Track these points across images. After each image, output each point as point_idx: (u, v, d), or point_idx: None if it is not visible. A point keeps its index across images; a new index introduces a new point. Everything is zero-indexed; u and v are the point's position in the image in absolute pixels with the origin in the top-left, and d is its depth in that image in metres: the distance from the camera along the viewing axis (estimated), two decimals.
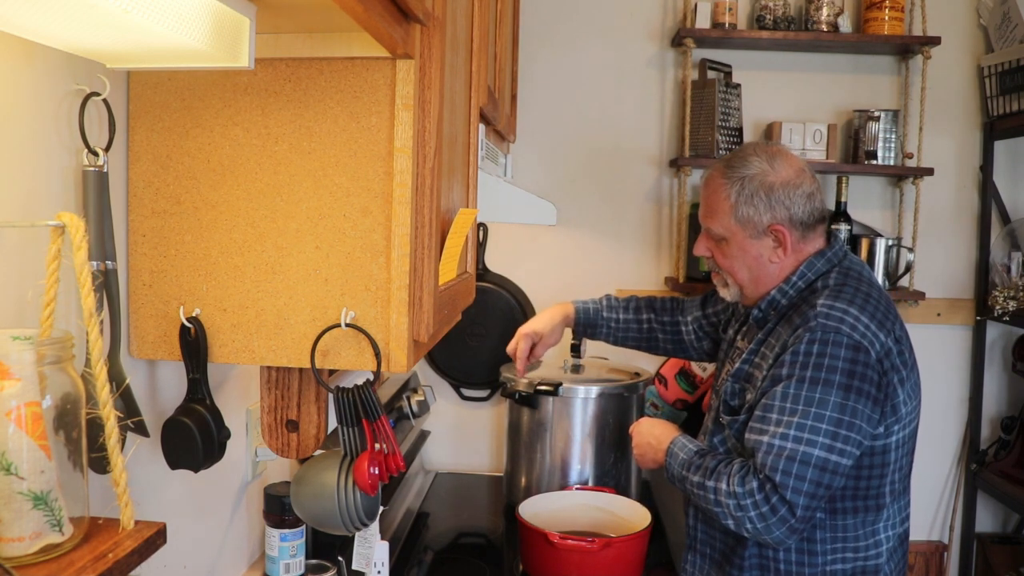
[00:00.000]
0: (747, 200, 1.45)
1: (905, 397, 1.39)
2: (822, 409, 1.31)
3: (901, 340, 1.40)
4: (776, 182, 1.45)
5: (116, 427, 0.78)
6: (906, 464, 1.47)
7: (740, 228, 1.47)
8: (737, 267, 1.51)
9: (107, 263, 0.90)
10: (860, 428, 1.33)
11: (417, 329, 1.01)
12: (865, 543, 1.43)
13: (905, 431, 1.41)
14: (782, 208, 1.44)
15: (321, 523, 1.07)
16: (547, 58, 2.51)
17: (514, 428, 2.20)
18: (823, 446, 1.30)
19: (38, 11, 0.68)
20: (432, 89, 0.99)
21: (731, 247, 1.50)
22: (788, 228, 1.45)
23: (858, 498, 1.41)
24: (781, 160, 1.48)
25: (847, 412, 1.31)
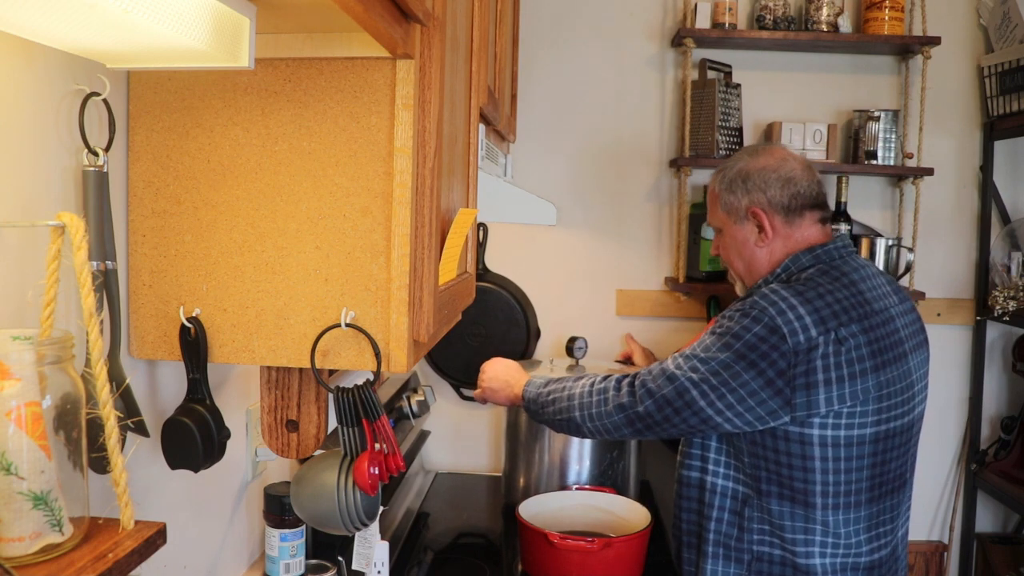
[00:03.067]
0: (728, 188, 1.55)
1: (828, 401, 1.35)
2: (710, 357, 1.39)
3: (844, 342, 1.35)
4: (752, 168, 1.53)
5: (116, 427, 0.78)
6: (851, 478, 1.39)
7: (727, 216, 1.56)
8: (732, 256, 1.58)
9: (107, 263, 0.90)
10: (741, 397, 1.36)
11: (417, 329, 1.01)
12: (792, 536, 1.42)
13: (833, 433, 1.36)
14: (758, 192, 1.51)
15: (321, 523, 1.07)
16: (547, 58, 2.51)
17: (513, 428, 2.20)
18: (691, 380, 1.39)
19: (38, 11, 0.68)
20: (432, 89, 0.99)
21: (725, 238, 1.58)
22: (766, 211, 1.50)
23: (782, 485, 1.42)
24: (764, 152, 1.57)
25: (729, 373, 1.37)
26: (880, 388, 1.37)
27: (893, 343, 1.41)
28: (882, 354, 1.38)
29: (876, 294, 1.45)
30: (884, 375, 1.38)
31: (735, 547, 1.47)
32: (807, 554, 1.41)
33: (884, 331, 1.40)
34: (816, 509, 1.40)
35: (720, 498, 1.48)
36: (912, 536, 2.63)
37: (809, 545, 1.41)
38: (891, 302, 1.46)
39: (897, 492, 1.46)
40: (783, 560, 1.43)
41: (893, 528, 1.47)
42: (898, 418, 1.41)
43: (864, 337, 1.37)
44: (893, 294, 1.50)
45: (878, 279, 1.50)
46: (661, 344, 2.53)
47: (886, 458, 1.41)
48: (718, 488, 1.49)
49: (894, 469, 1.43)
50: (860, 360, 1.36)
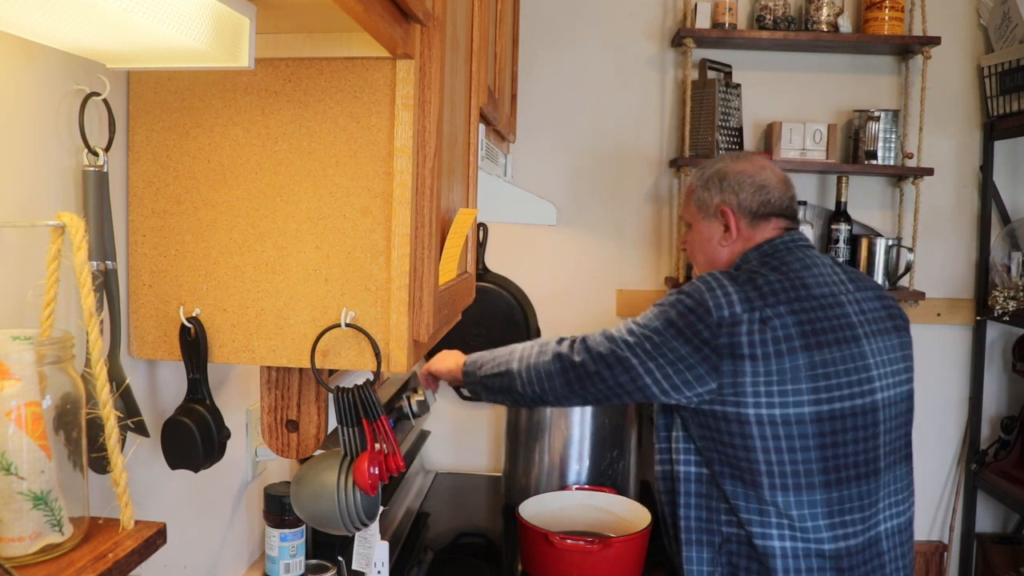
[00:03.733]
0: (704, 185, 1.62)
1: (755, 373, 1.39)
2: (646, 323, 1.48)
3: (768, 321, 1.40)
4: (730, 171, 1.60)
5: (116, 427, 0.78)
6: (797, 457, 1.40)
7: (698, 211, 1.63)
8: (696, 251, 1.66)
9: (107, 263, 0.90)
10: (670, 360, 1.43)
11: (417, 329, 1.01)
12: (747, 517, 1.44)
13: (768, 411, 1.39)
14: (731, 193, 1.58)
15: (321, 523, 1.07)
16: (547, 58, 2.51)
17: (512, 428, 2.20)
18: (626, 341, 1.47)
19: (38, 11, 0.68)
20: (432, 89, 0.99)
21: (693, 232, 1.65)
22: (735, 212, 1.58)
23: (731, 466, 1.45)
24: (744, 158, 1.64)
25: (660, 338, 1.44)
26: (814, 368, 1.40)
27: (835, 326, 1.43)
28: (816, 335, 1.41)
29: (819, 281, 1.48)
30: (820, 355, 1.40)
31: (707, 530, 1.50)
32: (764, 535, 1.43)
33: (823, 314, 1.43)
34: (764, 489, 1.42)
35: (686, 484, 1.52)
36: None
37: (765, 527, 1.43)
38: (841, 289, 1.49)
39: (868, 479, 1.44)
40: (747, 541, 1.45)
41: (866, 517, 1.45)
42: (845, 399, 1.42)
43: (792, 318, 1.41)
44: (848, 283, 1.52)
45: (826, 268, 1.52)
46: None
47: (838, 440, 1.41)
48: (682, 475, 1.53)
49: (855, 453, 1.43)
50: (788, 339, 1.39)
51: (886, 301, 1.57)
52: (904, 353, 1.55)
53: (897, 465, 1.51)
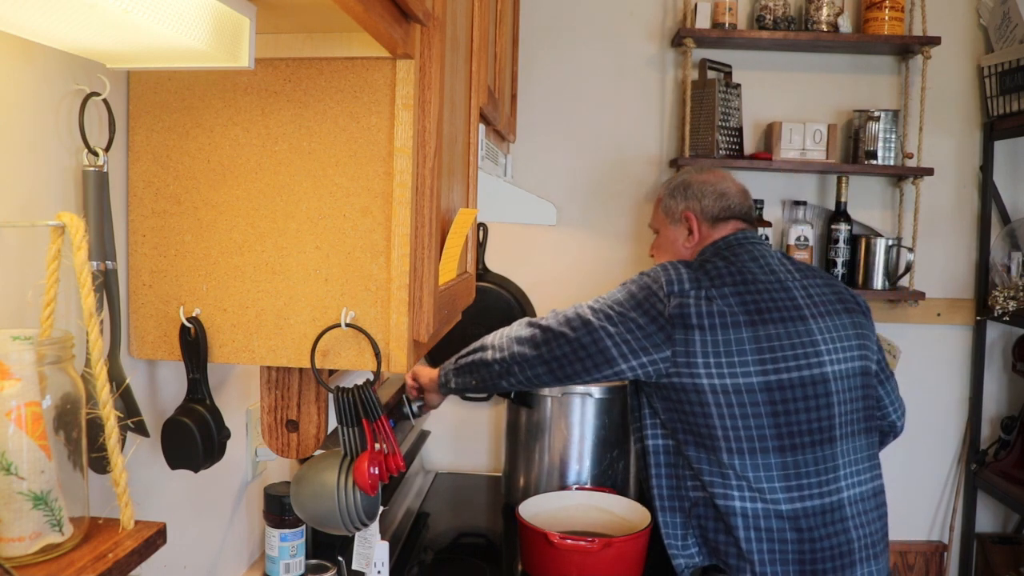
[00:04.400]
0: (671, 194, 1.79)
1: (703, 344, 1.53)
2: (609, 296, 1.63)
3: (713, 298, 1.56)
4: (694, 181, 1.78)
5: (116, 427, 0.78)
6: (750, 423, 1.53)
7: (664, 216, 1.79)
8: (663, 253, 1.79)
9: (107, 263, 0.90)
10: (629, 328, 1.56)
11: (417, 329, 1.01)
12: (710, 479, 1.56)
13: (720, 381, 1.53)
14: (695, 200, 1.75)
15: (321, 523, 1.07)
16: (547, 58, 2.51)
17: (512, 428, 2.20)
18: (591, 309, 1.60)
19: (38, 11, 0.68)
20: (432, 89, 0.99)
21: (661, 237, 1.81)
22: (697, 217, 1.74)
23: (692, 433, 1.57)
24: (707, 171, 1.83)
25: (621, 308, 1.58)
26: (759, 341, 1.54)
27: (780, 307, 1.58)
28: (760, 313, 1.56)
29: (765, 270, 1.64)
30: (764, 330, 1.55)
31: (677, 496, 1.63)
32: (725, 496, 1.55)
33: (767, 296, 1.59)
34: (722, 453, 1.54)
35: (655, 456, 1.66)
36: (912, 536, 2.65)
37: (727, 488, 1.55)
38: (787, 276, 1.65)
39: (823, 445, 1.56)
40: (711, 503, 1.57)
41: (824, 482, 1.55)
42: (793, 371, 1.55)
43: (736, 299, 1.57)
44: (795, 271, 1.68)
45: (774, 260, 1.68)
46: None
47: (789, 408, 1.54)
48: (651, 448, 1.66)
49: (808, 421, 1.55)
50: (732, 315, 1.55)
51: (835, 287, 1.71)
52: (857, 332, 1.66)
53: (856, 436, 1.61)
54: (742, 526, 1.53)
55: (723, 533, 1.56)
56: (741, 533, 1.53)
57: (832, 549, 1.54)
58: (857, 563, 1.56)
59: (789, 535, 1.53)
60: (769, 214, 2.50)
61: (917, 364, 2.58)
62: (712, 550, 1.58)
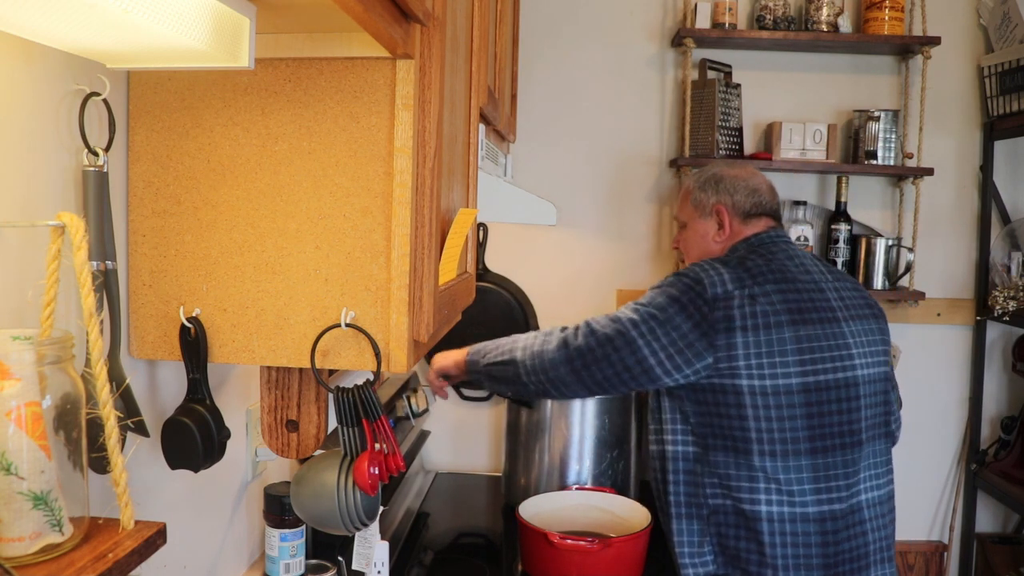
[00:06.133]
0: (701, 187, 1.76)
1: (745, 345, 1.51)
2: (648, 302, 1.57)
3: (756, 297, 1.53)
4: (725, 175, 1.75)
5: (116, 427, 0.78)
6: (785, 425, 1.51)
7: (694, 209, 1.76)
8: (691, 247, 1.77)
9: (107, 263, 0.90)
10: (672, 339, 1.52)
11: (417, 329, 1.01)
12: (737, 484, 1.54)
13: (760, 383, 1.51)
14: (726, 194, 1.73)
15: (321, 523, 1.07)
16: (547, 58, 2.51)
17: (512, 428, 2.20)
18: (631, 320, 1.54)
19: (38, 11, 0.68)
20: (432, 89, 0.99)
21: (688, 231, 1.78)
22: (729, 212, 1.71)
23: (725, 437, 1.55)
24: (737, 166, 1.80)
25: (664, 315, 1.53)
26: (800, 341, 1.53)
27: (817, 307, 1.57)
28: (800, 313, 1.55)
29: (801, 269, 1.63)
30: (804, 331, 1.54)
31: (695, 503, 1.60)
32: (752, 500, 1.53)
33: (806, 295, 1.58)
34: (754, 456, 1.52)
35: (674, 463, 1.62)
36: (912, 536, 2.65)
37: (754, 492, 1.53)
38: (821, 278, 1.64)
39: (851, 448, 1.56)
40: (734, 509, 1.55)
41: (850, 484, 1.55)
42: (828, 372, 1.54)
43: (779, 296, 1.55)
44: (827, 273, 1.67)
45: (807, 260, 1.68)
46: None
47: (823, 410, 1.53)
48: (671, 454, 1.62)
49: (839, 423, 1.55)
50: (775, 314, 1.53)
51: (862, 292, 1.71)
52: (882, 338, 1.67)
53: (877, 440, 1.62)
54: (767, 531, 1.51)
55: (745, 540, 1.54)
56: (766, 538, 1.51)
57: (851, 551, 1.54)
58: (871, 566, 1.57)
59: (814, 538, 1.52)
60: None
61: (917, 364, 2.58)
62: (731, 558, 1.56)
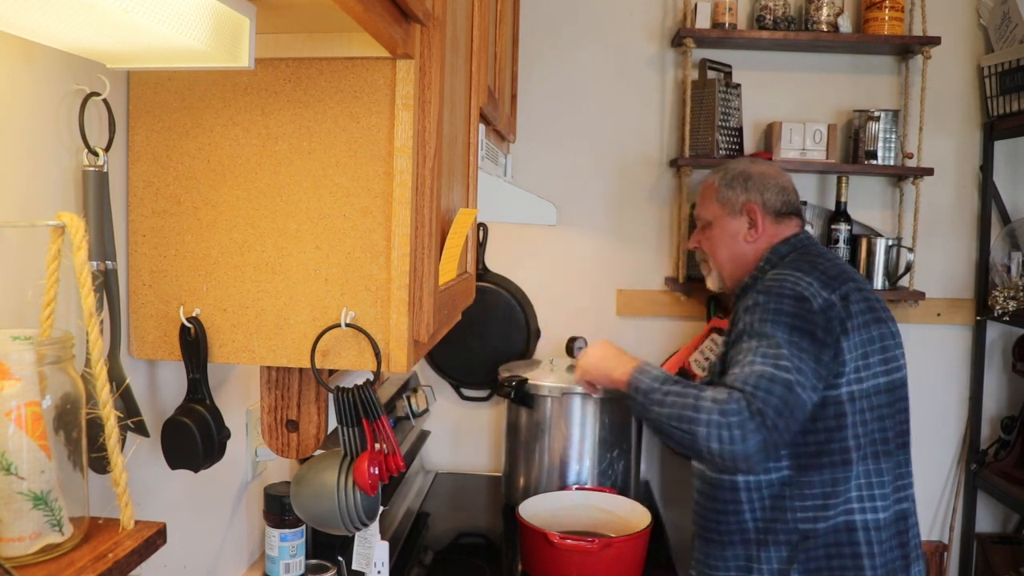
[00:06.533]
0: (728, 184, 1.71)
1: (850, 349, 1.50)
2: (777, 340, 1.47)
3: (848, 297, 1.52)
4: (754, 172, 1.71)
5: (116, 427, 0.78)
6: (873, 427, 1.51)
7: (721, 208, 1.71)
8: (717, 247, 1.72)
9: (107, 263, 0.90)
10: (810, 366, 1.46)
11: (417, 329, 1.01)
12: (834, 501, 1.51)
13: (858, 387, 1.50)
14: (756, 192, 1.69)
15: (321, 523, 1.07)
16: (547, 58, 2.51)
17: (512, 428, 2.20)
18: (784, 368, 1.44)
19: (38, 11, 0.68)
20: (432, 89, 0.99)
21: (715, 230, 1.72)
22: (761, 210, 1.68)
23: (823, 453, 1.51)
24: (762, 162, 1.77)
25: (795, 347, 1.46)
26: (882, 339, 1.54)
27: (877, 306, 1.59)
28: (873, 312, 1.56)
29: (851, 268, 1.65)
30: (878, 329, 1.55)
31: (781, 530, 1.54)
32: (847, 511, 1.51)
33: (869, 295, 1.59)
34: (852, 465, 1.50)
35: (755, 493, 1.55)
36: None
37: (848, 503, 1.51)
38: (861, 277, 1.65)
39: (908, 446, 1.59)
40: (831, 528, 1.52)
41: (909, 482, 1.59)
42: (896, 371, 1.57)
43: (857, 295, 1.54)
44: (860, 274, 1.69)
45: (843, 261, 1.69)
46: (661, 344, 2.53)
47: (896, 408, 1.55)
48: (750, 484, 1.55)
49: (903, 422, 1.57)
50: (862, 312, 1.53)
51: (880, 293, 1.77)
52: None
53: None
54: (863, 540, 1.50)
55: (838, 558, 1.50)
56: (863, 548, 1.49)
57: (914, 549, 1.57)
58: (912, 563, 1.58)
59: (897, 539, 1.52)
60: None
61: (917, 364, 2.56)
62: None
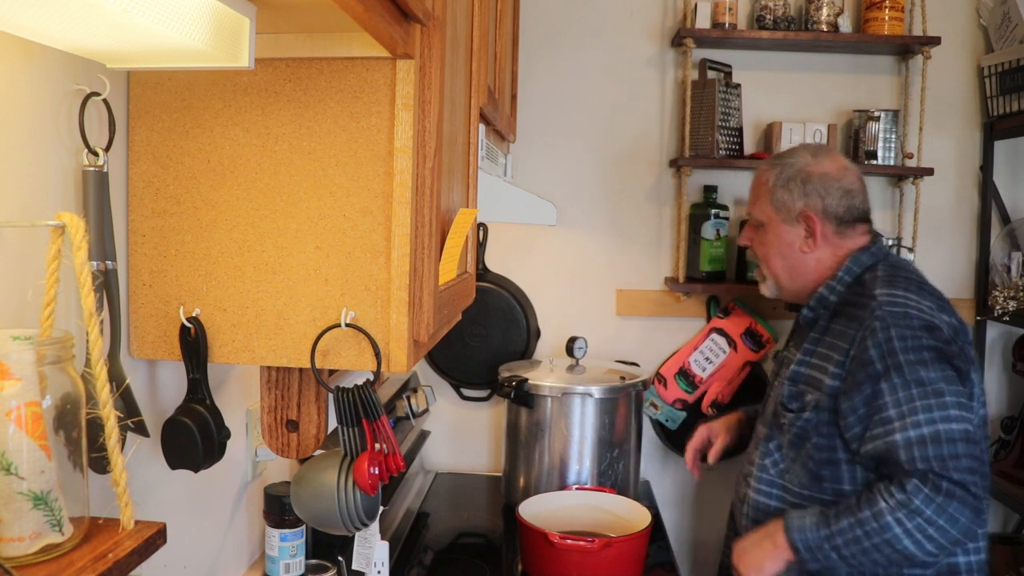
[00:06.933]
0: (784, 184, 1.52)
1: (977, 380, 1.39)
2: (934, 386, 1.29)
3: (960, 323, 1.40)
4: (814, 172, 1.51)
5: (116, 427, 0.78)
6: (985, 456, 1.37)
7: (775, 212, 1.54)
8: (771, 254, 1.56)
9: (107, 263, 0.90)
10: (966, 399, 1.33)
11: (417, 329, 1.01)
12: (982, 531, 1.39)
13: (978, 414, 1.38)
14: (816, 197, 1.50)
15: (321, 523, 1.07)
16: (547, 58, 2.51)
17: (512, 428, 2.20)
18: (957, 418, 1.28)
19: (38, 11, 0.68)
20: (432, 89, 0.99)
21: (768, 234, 1.56)
22: (820, 218, 1.50)
23: None
24: (825, 155, 1.55)
25: (952, 383, 1.31)
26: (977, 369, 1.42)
27: None
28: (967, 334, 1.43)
29: None
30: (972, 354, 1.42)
31: None
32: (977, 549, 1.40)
33: None
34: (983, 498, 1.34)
35: None
36: None
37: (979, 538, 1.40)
38: None
39: None
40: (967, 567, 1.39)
41: None
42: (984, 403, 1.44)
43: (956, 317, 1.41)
44: None
45: None
46: (661, 344, 2.53)
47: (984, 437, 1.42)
48: None
49: None
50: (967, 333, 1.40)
51: None
52: None
53: None
54: None
55: None
56: None
57: None
58: None
59: None
60: None
61: None
62: None
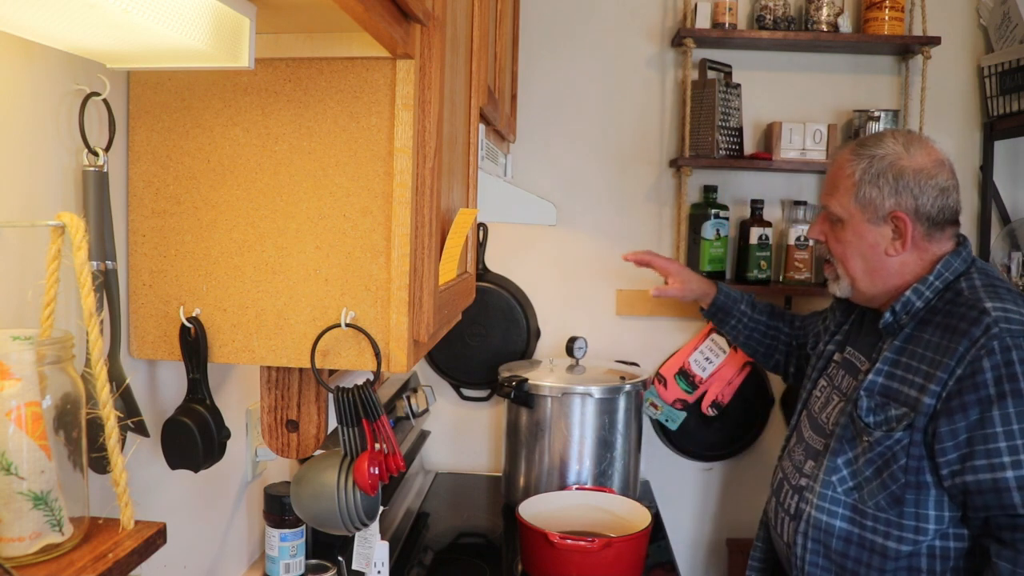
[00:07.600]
0: (872, 180, 1.38)
1: None
2: None
3: None
4: (908, 167, 1.38)
5: (116, 427, 0.78)
6: None
7: (859, 210, 1.40)
8: (850, 255, 1.43)
9: (107, 263, 0.90)
10: None
11: (417, 329, 1.01)
12: None
13: None
14: (909, 196, 1.36)
15: (321, 523, 1.07)
16: (547, 58, 2.51)
17: (512, 428, 2.20)
18: None
19: (38, 11, 0.68)
20: (432, 89, 0.99)
21: (847, 231, 1.43)
22: (912, 219, 1.37)
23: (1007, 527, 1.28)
24: (918, 146, 1.41)
25: None
26: None
27: None
28: None
29: None
30: None
31: None
32: None
33: None
34: None
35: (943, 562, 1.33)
36: None
37: None
38: None
39: None
40: None
41: None
42: None
43: None
44: None
45: None
46: (662, 344, 2.53)
47: None
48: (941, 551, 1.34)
49: None
50: None
51: None
52: None
53: None
54: None
55: None
56: None
57: None
58: None
59: None
60: (769, 214, 2.50)
61: None
62: None
